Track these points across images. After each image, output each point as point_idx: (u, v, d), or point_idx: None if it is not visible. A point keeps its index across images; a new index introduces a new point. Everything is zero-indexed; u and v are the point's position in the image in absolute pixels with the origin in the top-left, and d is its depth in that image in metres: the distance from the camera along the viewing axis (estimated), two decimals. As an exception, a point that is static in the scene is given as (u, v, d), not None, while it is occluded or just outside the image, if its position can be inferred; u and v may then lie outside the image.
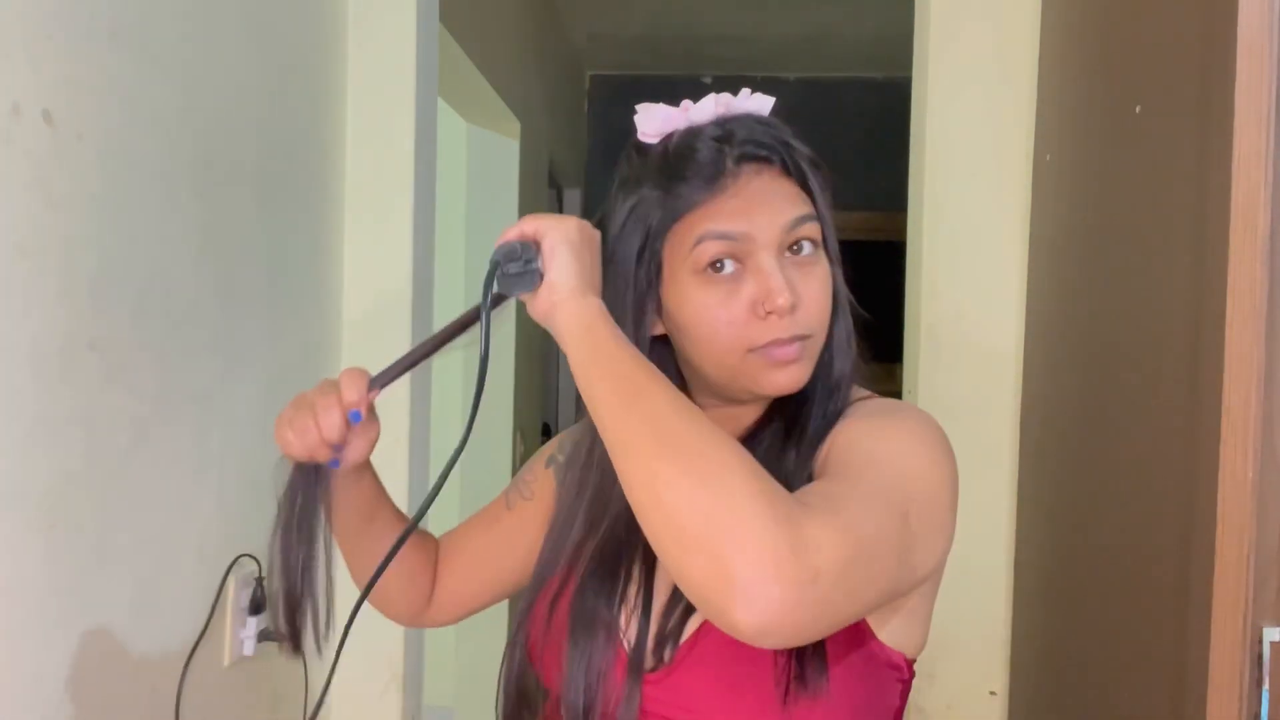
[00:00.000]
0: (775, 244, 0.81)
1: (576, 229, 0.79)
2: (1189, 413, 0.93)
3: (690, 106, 0.86)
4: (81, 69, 0.91)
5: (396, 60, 1.55)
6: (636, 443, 0.68)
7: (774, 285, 0.79)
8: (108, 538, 0.97)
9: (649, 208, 0.83)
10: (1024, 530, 1.47)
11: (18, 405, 0.84)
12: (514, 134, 3.02)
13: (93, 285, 0.93)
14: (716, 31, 3.76)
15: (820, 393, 0.86)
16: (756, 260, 0.80)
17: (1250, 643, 0.87)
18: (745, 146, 0.82)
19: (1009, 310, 1.51)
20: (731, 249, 0.80)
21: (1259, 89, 0.86)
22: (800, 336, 0.81)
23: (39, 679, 0.88)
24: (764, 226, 0.80)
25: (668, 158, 0.83)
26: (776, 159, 0.83)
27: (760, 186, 0.82)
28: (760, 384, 0.82)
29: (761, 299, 0.79)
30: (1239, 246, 0.86)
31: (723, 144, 0.82)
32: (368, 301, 1.55)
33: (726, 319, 0.81)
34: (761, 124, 0.85)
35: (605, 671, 0.81)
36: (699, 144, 0.82)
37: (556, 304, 0.76)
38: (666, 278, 0.83)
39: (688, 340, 0.84)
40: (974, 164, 1.52)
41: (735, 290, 0.80)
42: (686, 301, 0.82)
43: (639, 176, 0.84)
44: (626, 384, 0.71)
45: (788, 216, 0.81)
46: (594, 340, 0.74)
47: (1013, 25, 1.50)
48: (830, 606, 0.64)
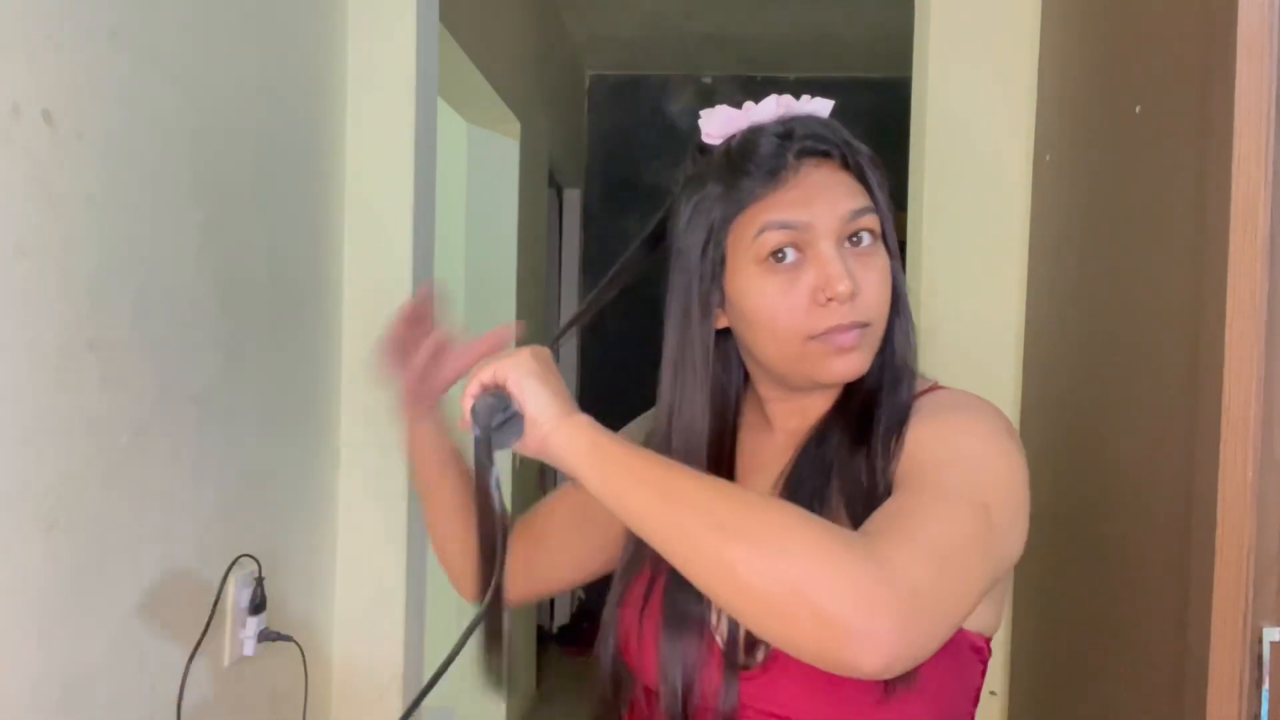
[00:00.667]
0: (835, 233, 0.83)
1: (531, 357, 0.79)
2: (1189, 413, 0.93)
3: (751, 107, 0.88)
4: (81, 69, 0.91)
5: (396, 60, 1.55)
6: (694, 539, 0.68)
7: (833, 272, 0.81)
8: (108, 538, 0.97)
9: (712, 203, 0.85)
10: (1024, 530, 1.47)
11: (18, 405, 0.84)
12: (514, 134, 3.02)
13: (92, 285, 0.93)
14: (716, 31, 3.76)
15: (886, 385, 0.87)
16: (817, 249, 0.82)
17: (1250, 643, 0.87)
18: (805, 142, 0.85)
19: (1009, 310, 1.51)
20: (793, 238, 0.82)
21: (1259, 89, 0.86)
22: (859, 324, 0.83)
23: (39, 679, 0.88)
24: (823, 215, 0.82)
25: (730, 155, 0.86)
26: (836, 154, 0.86)
27: (820, 179, 0.84)
28: (820, 372, 0.84)
29: (822, 285, 0.81)
30: (1239, 246, 0.86)
31: (783, 140, 0.84)
32: (368, 301, 1.55)
33: (788, 307, 0.83)
34: (821, 122, 0.87)
35: (700, 666, 0.82)
36: (761, 140, 0.85)
37: (547, 435, 0.76)
38: (730, 270, 0.86)
39: (750, 330, 0.86)
40: (974, 164, 1.52)
41: (796, 278, 0.83)
42: (749, 291, 0.84)
43: (703, 174, 0.87)
44: (656, 487, 0.72)
45: (847, 207, 0.84)
46: (603, 456, 0.74)
47: (1012, 25, 1.50)
48: (939, 616, 0.67)
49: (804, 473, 0.87)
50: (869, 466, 0.83)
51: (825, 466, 0.86)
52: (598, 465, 0.74)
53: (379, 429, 1.53)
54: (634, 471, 0.73)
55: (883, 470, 0.82)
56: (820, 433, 0.89)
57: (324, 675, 1.53)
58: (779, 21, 3.61)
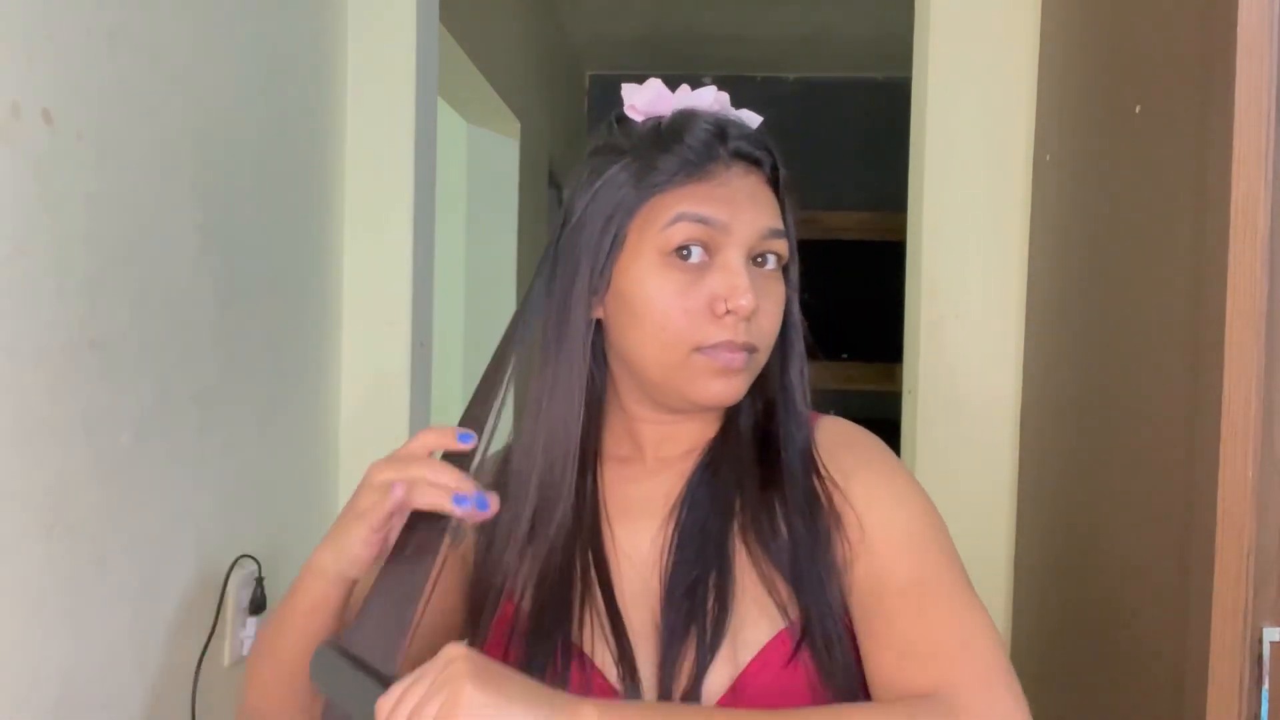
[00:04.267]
0: (747, 245, 0.78)
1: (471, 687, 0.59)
2: (1189, 413, 0.93)
3: (687, 91, 0.83)
4: (81, 69, 0.91)
5: (396, 60, 1.55)
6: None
7: (740, 284, 0.76)
8: (108, 538, 0.97)
9: (626, 178, 0.79)
10: (1024, 530, 1.47)
11: (18, 405, 0.84)
12: (514, 134, 3.02)
13: (92, 285, 0.93)
14: (716, 31, 3.76)
15: (786, 418, 0.82)
16: (725, 256, 0.77)
17: (1250, 643, 0.87)
18: (740, 143, 0.80)
19: (1009, 310, 1.51)
20: (706, 236, 0.77)
21: (1259, 89, 0.86)
22: (750, 347, 0.78)
23: (39, 679, 0.88)
24: (743, 223, 0.78)
25: (659, 132, 0.80)
26: (766, 165, 0.81)
27: (747, 186, 0.79)
28: (696, 390, 0.78)
29: (724, 295, 0.76)
30: (1239, 246, 0.86)
31: (719, 134, 0.79)
32: (368, 301, 1.55)
33: (683, 308, 0.77)
34: (756, 131, 0.83)
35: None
36: (696, 126, 0.79)
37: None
38: (627, 255, 0.79)
39: (633, 325, 0.79)
40: (974, 164, 1.52)
41: (698, 281, 0.77)
42: (644, 281, 0.78)
43: (618, 146, 0.81)
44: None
45: (766, 224, 0.79)
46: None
47: (1013, 25, 1.50)
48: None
49: (701, 514, 0.79)
50: (784, 511, 0.78)
51: (726, 508, 0.79)
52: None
53: (378, 429, 1.53)
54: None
55: (803, 514, 0.77)
56: (711, 469, 0.82)
57: (324, 675, 1.52)
58: (779, 21, 3.61)
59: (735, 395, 0.79)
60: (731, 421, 0.84)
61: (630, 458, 0.86)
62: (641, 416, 0.85)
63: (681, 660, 0.74)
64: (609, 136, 0.83)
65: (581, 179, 0.82)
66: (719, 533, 0.78)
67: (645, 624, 0.78)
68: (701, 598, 0.75)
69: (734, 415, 0.85)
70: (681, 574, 0.77)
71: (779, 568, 0.77)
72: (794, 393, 0.84)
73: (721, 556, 0.77)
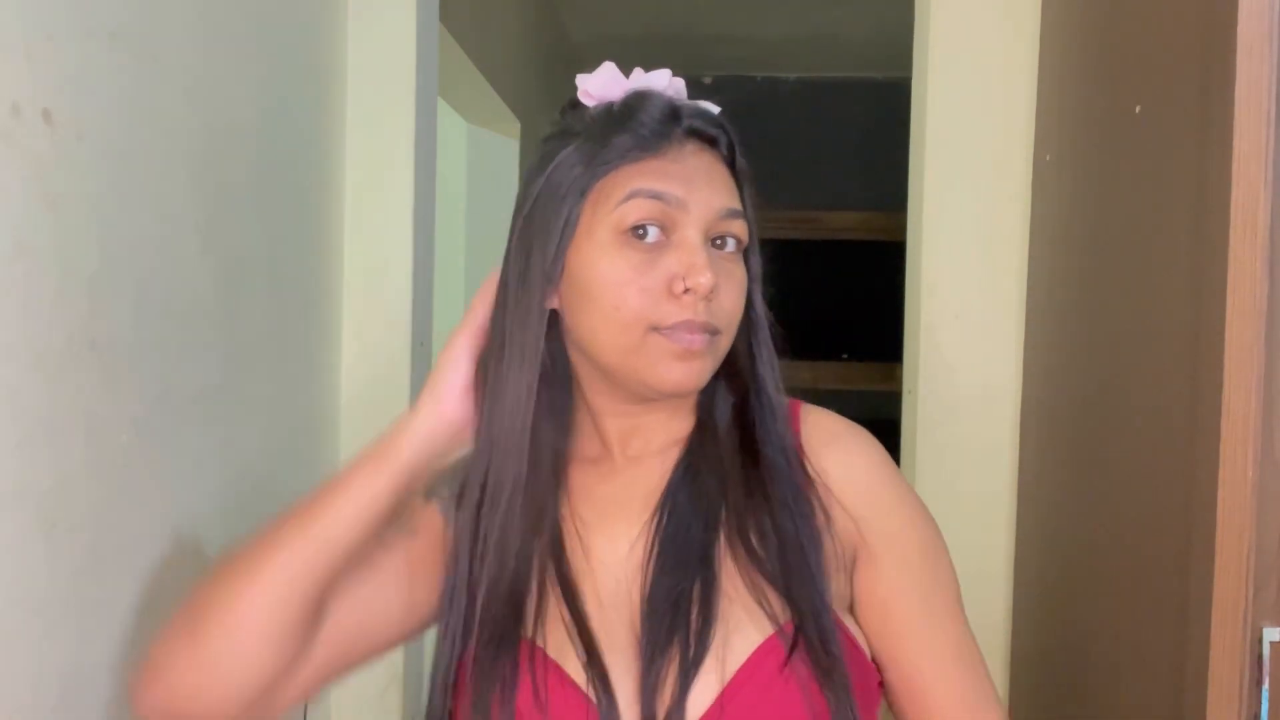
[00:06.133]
0: (705, 224, 0.76)
1: None
2: (1189, 412, 0.93)
3: (641, 74, 0.81)
4: (81, 69, 0.91)
5: (396, 60, 1.55)
6: None
7: (698, 261, 0.74)
8: (108, 538, 0.97)
9: (579, 158, 0.76)
10: (1024, 530, 1.47)
11: (18, 405, 0.84)
12: (514, 134, 3.02)
13: (93, 285, 0.93)
14: (716, 31, 3.76)
15: (762, 412, 0.80)
16: (683, 234, 0.75)
17: (1250, 643, 0.87)
18: (694, 121, 0.78)
19: (1009, 310, 1.51)
20: (661, 213, 0.75)
21: (1259, 89, 0.86)
22: (710, 328, 0.75)
23: (39, 680, 0.88)
24: (699, 201, 0.75)
25: (611, 110, 0.77)
26: (723, 143, 0.79)
27: (703, 164, 0.77)
28: (655, 373, 0.75)
29: (682, 273, 0.74)
30: (1239, 246, 0.86)
31: (673, 112, 0.77)
32: (367, 301, 1.55)
33: (640, 286, 0.74)
34: (710, 111, 0.81)
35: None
36: (649, 103, 0.77)
37: None
38: (580, 236, 0.76)
39: (588, 309, 0.76)
40: (974, 164, 1.52)
41: (655, 260, 0.74)
42: (599, 260, 0.75)
43: (572, 129, 0.79)
44: None
45: (724, 203, 0.77)
46: None
47: (1013, 25, 1.50)
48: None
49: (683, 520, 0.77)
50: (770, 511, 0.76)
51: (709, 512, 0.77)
52: None
53: (379, 429, 1.52)
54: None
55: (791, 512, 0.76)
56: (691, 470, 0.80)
57: (324, 675, 1.52)
58: (779, 21, 3.61)
59: (697, 380, 0.76)
60: (707, 418, 0.82)
61: (599, 457, 0.84)
62: (605, 410, 0.82)
63: (664, 675, 0.72)
64: (563, 121, 0.81)
65: (533, 165, 0.80)
66: (703, 540, 0.76)
67: (625, 635, 0.75)
68: (684, 610, 0.73)
69: (708, 411, 0.82)
70: (662, 585, 0.75)
71: (767, 572, 0.75)
72: (766, 383, 0.81)
73: (706, 565, 0.75)
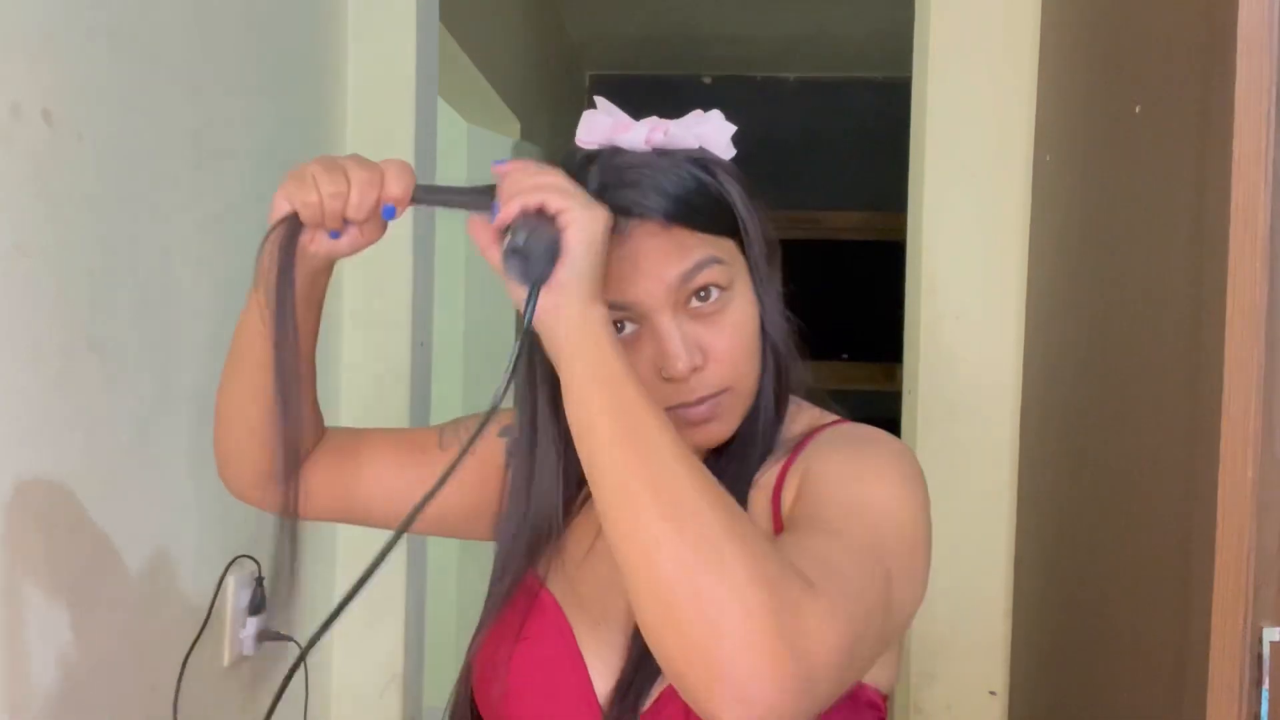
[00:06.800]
0: (667, 304, 0.75)
1: (604, 226, 0.69)
2: (1189, 413, 0.93)
3: (625, 128, 0.78)
4: (81, 69, 0.91)
5: (396, 60, 1.55)
6: (634, 492, 0.61)
7: (669, 350, 0.74)
8: (108, 538, 0.97)
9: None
10: (1024, 530, 1.47)
11: (18, 405, 0.84)
12: (514, 134, 3.02)
13: (93, 285, 0.93)
14: (716, 31, 3.76)
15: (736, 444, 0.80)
16: (652, 323, 0.75)
17: (1250, 643, 0.87)
18: (619, 200, 0.74)
19: (1009, 310, 1.51)
20: (624, 314, 0.75)
21: (1259, 89, 0.86)
22: (709, 396, 0.76)
23: (39, 679, 0.88)
24: (649, 290, 0.74)
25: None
26: (654, 213, 0.75)
27: (645, 244, 0.75)
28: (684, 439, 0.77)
29: (660, 364, 0.75)
30: (1239, 246, 0.86)
31: (601, 197, 0.73)
32: (367, 301, 1.55)
33: None
34: (644, 169, 0.76)
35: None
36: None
37: (560, 307, 0.67)
38: None
39: None
40: (974, 164, 1.52)
41: (638, 351, 0.76)
42: None
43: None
44: (630, 421, 0.63)
45: (674, 273, 0.74)
46: (599, 366, 0.65)
47: (1013, 25, 1.50)
48: (823, 696, 0.59)
49: None
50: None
51: None
52: (588, 367, 0.66)
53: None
54: (618, 395, 0.64)
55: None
56: None
57: (324, 675, 1.53)
58: (779, 21, 3.61)
59: (721, 436, 0.79)
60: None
61: None
62: None
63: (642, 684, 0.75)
64: None
65: None
66: None
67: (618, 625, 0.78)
68: None
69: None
70: None
71: None
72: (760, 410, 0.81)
73: None
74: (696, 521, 0.59)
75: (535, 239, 0.67)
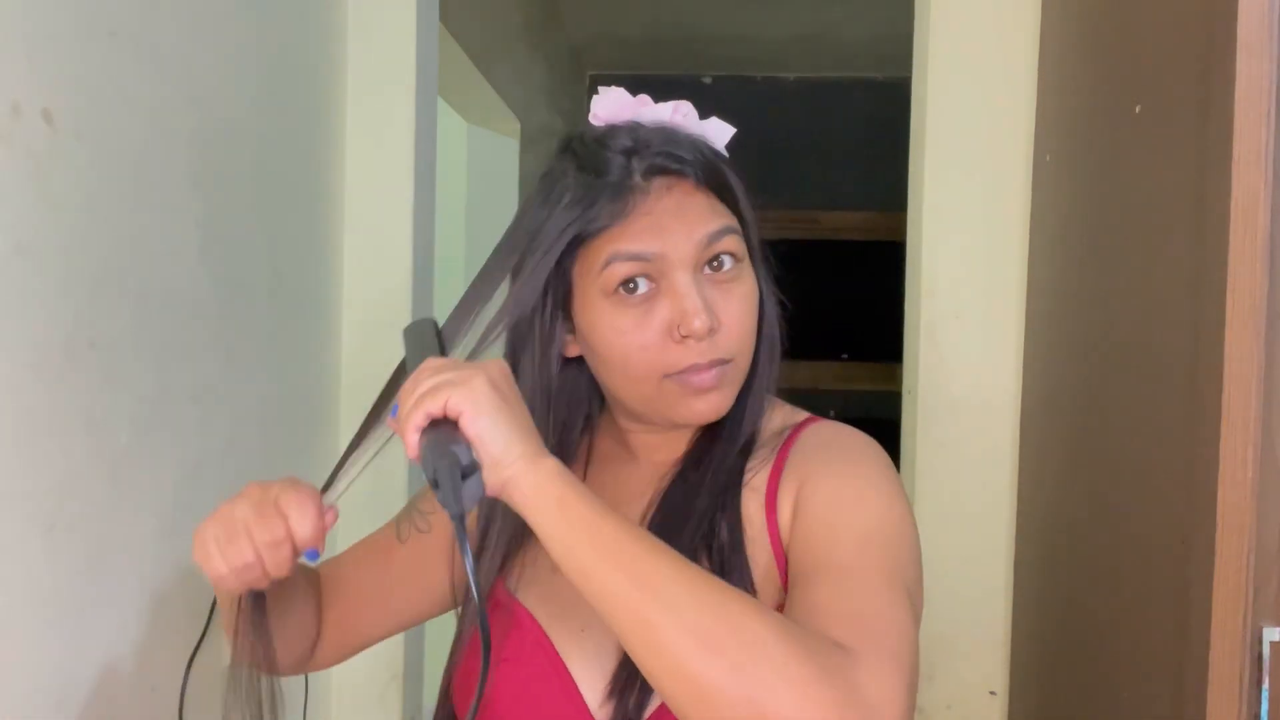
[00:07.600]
0: (691, 261, 0.76)
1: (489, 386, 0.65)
2: (1189, 413, 0.93)
3: (647, 103, 0.81)
4: (81, 69, 0.91)
5: (396, 60, 1.55)
6: (661, 638, 0.60)
7: (689, 306, 0.74)
8: (108, 538, 0.97)
9: (560, 223, 0.77)
10: (1024, 530, 1.47)
11: (18, 405, 0.84)
12: (514, 134, 3.02)
13: (93, 285, 0.93)
14: (716, 31, 3.76)
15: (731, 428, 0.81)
16: (671, 280, 0.75)
17: (1250, 643, 0.87)
18: (655, 159, 0.77)
19: (1009, 310, 1.51)
20: (643, 269, 0.75)
21: (1259, 89, 0.86)
22: (720, 361, 0.76)
23: (39, 679, 0.88)
24: (677, 244, 0.75)
25: (582, 167, 0.78)
26: (690, 172, 0.78)
27: (672, 202, 0.76)
28: (678, 412, 0.78)
29: (677, 321, 0.75)
30: (1239, 246, 0.86)
31: (630, 157, 0.77)
32: (368, 301, 1.55)
33: (640, 343, 0.76)
34: (675, 136, 0.79)
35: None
36: (609, 156, 0.77)
37: (509, 480, 0.65)
38: (578, 299, 0.79)
39: (602, 366, 0.80)
40: (974, 164, 1.52)
41: (649, 311, 0.76)
42: (598, 325, 0.77)
43: (561, 180, 0.79)
44: (627, 570, 0.62)
45: (704, 231, 0.76)
46: (570, 519, 0.64)
47: (1013, 25, 1.50)
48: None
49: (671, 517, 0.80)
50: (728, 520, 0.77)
51: (691, 511, 0.79)
52: (561, 527, 0.64)
53: (378, 429, 1.52)
54: (603, 544, 0.63)
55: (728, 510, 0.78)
56: (683, 473, 0.82)
57: (324, 675, 1.53)
58: (779, 21, 3.61)
59: (720, 409, 0.79)
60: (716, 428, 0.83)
61: (625, 462, 0.88)
62: (630, 428, 0.86)
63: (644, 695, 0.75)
64: (558, 163, 0.81)
65: (531, 210, 0.80)
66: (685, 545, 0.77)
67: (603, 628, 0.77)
68: None
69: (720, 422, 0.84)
70: None
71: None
72: (753, 387, 0.82)
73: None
74: (726, 643, 0.59)
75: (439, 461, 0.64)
